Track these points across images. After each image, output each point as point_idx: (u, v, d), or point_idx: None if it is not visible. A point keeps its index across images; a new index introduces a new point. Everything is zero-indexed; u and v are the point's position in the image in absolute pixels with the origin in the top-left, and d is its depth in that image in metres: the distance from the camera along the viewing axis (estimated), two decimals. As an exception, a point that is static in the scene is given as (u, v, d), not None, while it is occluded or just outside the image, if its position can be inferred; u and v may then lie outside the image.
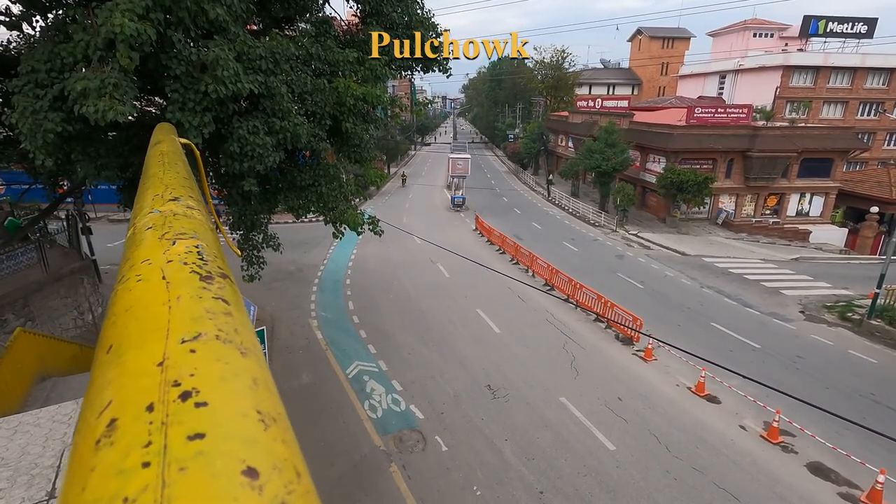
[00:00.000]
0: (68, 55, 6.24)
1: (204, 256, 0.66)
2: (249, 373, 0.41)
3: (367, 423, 10.62)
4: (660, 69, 59.95)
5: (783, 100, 38.38)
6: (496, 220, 28.57)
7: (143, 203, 0.98)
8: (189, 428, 0.32)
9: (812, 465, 9.53)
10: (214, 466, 0.29)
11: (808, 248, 26.89)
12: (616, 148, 29.32)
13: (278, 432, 0.35)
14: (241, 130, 7.66)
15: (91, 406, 0.37)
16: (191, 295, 0.52)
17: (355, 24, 11.62)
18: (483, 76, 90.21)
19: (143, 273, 0.59)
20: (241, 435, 0.33)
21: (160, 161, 1.47)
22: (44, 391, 8.43)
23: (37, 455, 2.59)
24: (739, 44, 47.65)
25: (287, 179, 10.40)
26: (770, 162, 28.63)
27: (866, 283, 18.50)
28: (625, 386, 12.11)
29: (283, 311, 16.42)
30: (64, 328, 13.02)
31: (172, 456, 0.30)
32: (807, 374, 12.86)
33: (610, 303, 15.36)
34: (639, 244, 26.01)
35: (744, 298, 18.19)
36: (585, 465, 9.35)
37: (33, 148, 6.37)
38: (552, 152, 46.70)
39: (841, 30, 39.96)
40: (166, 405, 0.35)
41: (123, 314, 0.50)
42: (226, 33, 7.20)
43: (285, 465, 0.32)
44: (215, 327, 0.46)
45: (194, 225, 0.82)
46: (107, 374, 0.41)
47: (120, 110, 5.84)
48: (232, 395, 0.37)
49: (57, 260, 14.02)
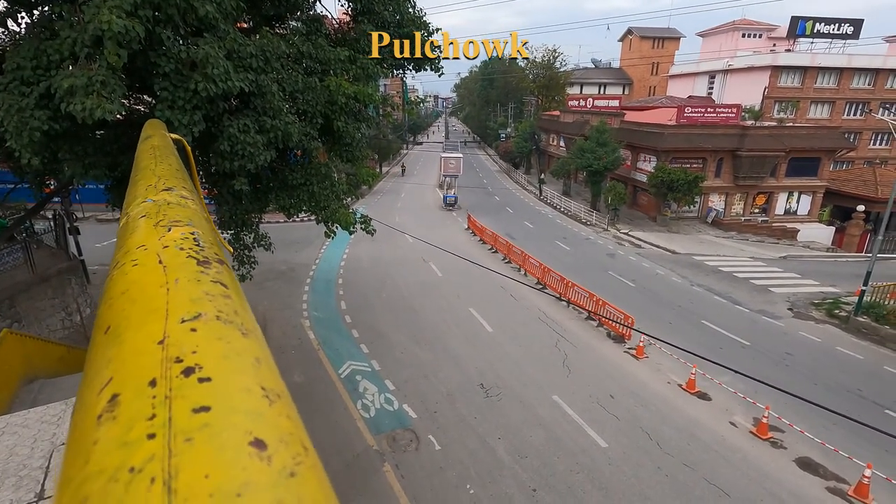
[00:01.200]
0: (55, 52, 6.15)
1: (200, 243, 0.65)
2: (251, 352, 0.41)
3: (359, 423, 10.59)
4: (650, 69, 60.41)
5: (771, 99, 38.84)
6: (488, 218, 28.61)
7: (136, 193, 0.97)
8: (193, 402, 0.32)
9: (801, 461, 9.65)
10: (221, 437, 0.29)
11: (796, 247, 27.23)
12: (607, 147, 29.48)
13: (283, 408, 0.35)
14: (232, 129, 7.60)
15: (90, 384, 0.36)
16: (189, 278, 0.52)
17: (347, 23, 11.59)
18: (475, 75, 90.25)
19: (138, 258, 0.58)
20: (246, 408, 0.32)
21: (152, 154, 1.45)
22: (31, 393, 8.30)
23: (25, 456, 2.55)
24: (728, 44, 48.16)
25: (278, 178, 10.34)
26: (759, 161, 28.96)
27: (853, 281, 18.77)
28: (617, 383, 12.18)
29: (275, 311, 16.32)
30: (51, 329, 12.84)
31: (178, 427, 0.29)
32: (795, 371, 13.02)
33: (602, 301, 15.44)
34: (630, 243, 26.18)
35: (733, 296, 18.37)
36: (578, 463, 9.40)
37: (19, 146, 6.27)
38: (544, 151, 46.86)
39: (828, 30, 40.54)
40: (169, 380, 0.34)
41: (120, 297, 0.49)
42: (216, 31, 7.13)
43: (292, 438, 0.31)
44: (215, 308, 0.45)
45: (189, 213, 0.81)
46: (106, 353, 0.40)
47: (108, 108, 5.77)
48: (235, 371, 0.37)
49: (44, 260, 13.82)
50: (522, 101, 63.20)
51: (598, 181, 31.22)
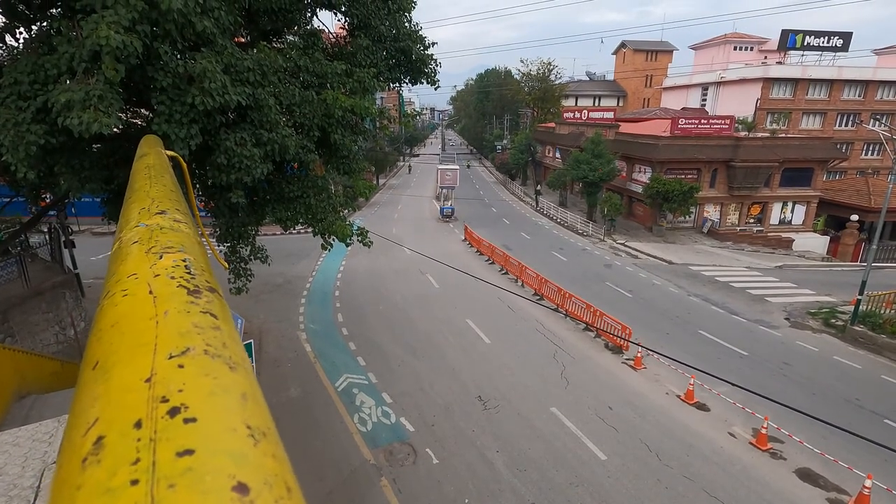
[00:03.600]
0: (52, 67, 6.18)
1: (192, 270, 0.66)
2: (238, 387, 0.41)
3: (356, 437, 10.49)
4: (644, 81, 61.13)
5: (764, 111, 39.28)
6: (485, 230, 28.67)
7: (129, 216, 0.97)
8: (178, 444, 0.32)
9: (800, 471, 9.60)
10: (204, 483, 0.29)
11: (792, 256, 27.36)
12: (603, 158, 29.70)
13: (268, 447, 0.35)
14: (229, 142, 7.63)
15: (77, 424, 0.37)
16: (178, 309, 0.52)
17: (343, 37, 11.70)
18: (471, 88, 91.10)
19: (129, 288, 0.58)
20: (230, 450, 0.32)
21: (146, 174, 1.46)
22: (23, 409, 8.19)
23: (16, 475, 2.51)
24: (720, 57, 48.76)
25: (275, 191, 10.36)
26: (753, 171, 29.21)
27: (849, 290, 18.84)
28: (615, 395, 12.13)
29: (271, 324, 16.24)
30: (45, 344, 12.72)
31: (161, 473, 0.30)
32: (793, 381, 13.00)
33: (599, 312, 15.43)
34: (626, 253, 26.25)
35: (730, 306, 18.40)
36: (577, 476, 9.32)
37: (15, 160, 6.27)
38: (540, 163, 47.15)
39: (818, 43, 41.11)
40: (154, 421, 0.34)
41: (109, 329, 0.49)
42: (213, 45, 7.19)
43: (276, 480, 0.32)
44: (203, 342, 0.46)
45: (181, 238, 0.82)
46: (93, 391, 0.40)
47: (105, 122, 5.78)
48: (221, 410, 0.37)
49: (38, 274, 13.75)
50: (518, 114, 63.74)
51: (593, 192, 31.40)
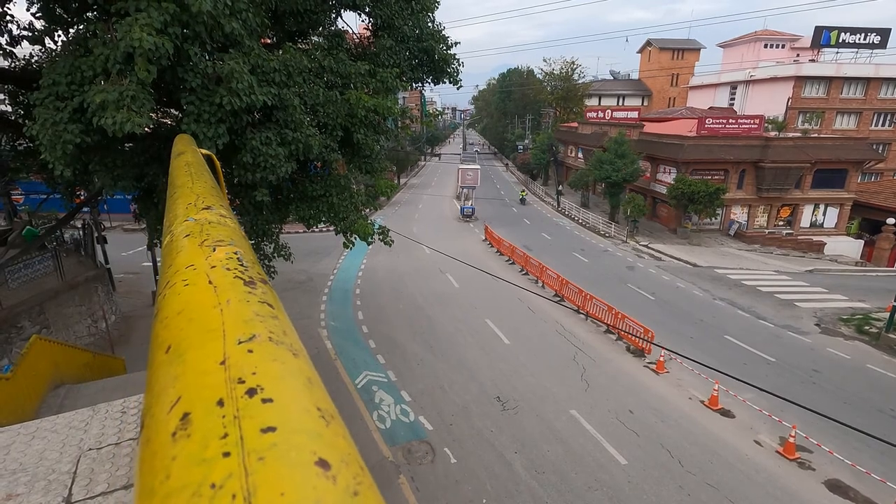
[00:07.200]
0: (88, 68, 6.39)
1: (244, 262, 0.68)
2: (303, 372, 0.43)
3: (375, 434, 10.58)
4: (670, 80, 59.98)
5: (795, 110, 38.16)
6: (505, 230, 28.57)
7: (177, 211, 1.01)
8: (260, 422, 0.34)
9: (830, 483, 9.31)
10: (289, 457, 0.31)
11: (823, 260, 26.52)
12: (626, 159, 29.28)
13: (338, 428, 0.36)
14: (255, 141, 7.78)
15: (158, 402, 0.39)
16: (239, 299, 0.54)
17: (367, 38, 11.80)
18: (493, 88, 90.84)
19: (189, 278, 0.61)
20: (308, 429, 0.34)
21: (187, 171, 1.50)
22: (57, 398, 8.51)
23: (54, 461, 2.61)
24: (750, 55, 47.56)
25: (298, 190, 10.52)
26: (783, 173, 28.41)
27: (884, 296, 18.20)
28: (636, 398, 11.96)
29: (294, 320, 15.85)
30: (78, 336, 13.18)
31: (250, 446, 0.32)
32: (824, 389, 12.62)
33: (621, 314, 15.23)
34: (649, 255, 25.84)
35: (757, 311, 17.95)
36: (596, 479, 9.22)
37: (52, 158, 6.51)
38: (562, 163, 46.74)
39: (853, 40, 39.74)
40: (235, 400, 0.36)
41: (176, 316, 0.52)
42: (241, 47, 7.35)
43: (350, 458, 0.33)
44: (266, 329, 0.48)
45: (229, 232, 0.85)
46: (170, 372, 0.42)
47: (137, 122, 5.96)
48: (293, 392, 0.39)
49: (72, 268, 14.24)
50: (540, 113, 63.29)
51: (616, 193, 30.98)
